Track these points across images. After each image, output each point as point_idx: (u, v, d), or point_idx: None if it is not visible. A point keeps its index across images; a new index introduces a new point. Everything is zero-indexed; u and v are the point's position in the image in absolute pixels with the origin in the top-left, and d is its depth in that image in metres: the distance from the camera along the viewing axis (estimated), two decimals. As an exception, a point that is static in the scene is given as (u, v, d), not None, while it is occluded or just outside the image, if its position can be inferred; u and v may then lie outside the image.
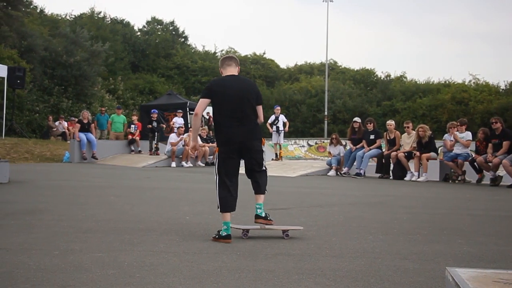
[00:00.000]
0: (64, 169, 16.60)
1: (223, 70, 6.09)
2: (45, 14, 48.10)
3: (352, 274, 4.34)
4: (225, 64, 6.10)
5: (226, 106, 5.82)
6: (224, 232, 5.64)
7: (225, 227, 5.66)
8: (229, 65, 6.09)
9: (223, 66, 6.10)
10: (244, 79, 6.17)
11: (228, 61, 6.13)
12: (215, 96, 5.87)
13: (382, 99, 49.61)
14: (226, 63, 6.11)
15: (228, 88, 5.87)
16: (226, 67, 6.08)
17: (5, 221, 6.61)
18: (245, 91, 5.91)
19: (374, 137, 16.16)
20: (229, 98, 5.83)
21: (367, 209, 8.75)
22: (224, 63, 6.12)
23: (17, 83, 24.17)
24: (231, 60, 6.16)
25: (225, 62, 6.12)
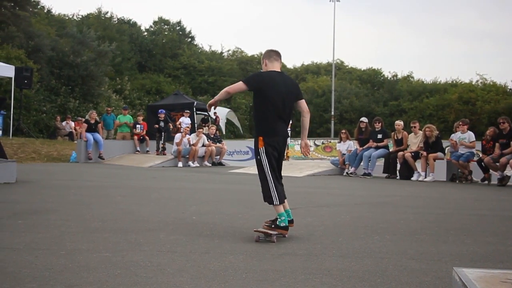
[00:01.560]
0: (71, 169, 16.64)
1: (269, 62, 6.00)
2: (52, 14, 48.31)
3: (358, 274, 4.33)
4: (272, 58, 6.02)
5: (273, 101, 5.78)
6: (282, 222, 5.73)
7: (283, 217, 5.76)
8: (277, 60, 6.04)
9: (270, 59, 6.01)
10: (289, 77, 6.23)
11: (276, 55, 6.04)
12: (262, 88, 5.79)
13: (389, 99, 49.60)
14: (274, 57, 6.02)
15: (276, 84, 5.84)
16: (274, 61, 6.01)
17: (12, 220, 6.63)
18: (290, 91, 5.95)
19: (381, 137, 16.13)
20: (277, 94, 5.80)
21: (373, 209, 8.73)
22: (272, 56, 6.02)
23: (24, 83, 24.25)
24: (279, 55, 6.07)
25: (273, 56, 6.03)
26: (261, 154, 5.79)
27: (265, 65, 6.02)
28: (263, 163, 5.78)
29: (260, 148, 5.79)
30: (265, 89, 5.77)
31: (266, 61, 6.02)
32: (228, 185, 12.65)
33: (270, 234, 5.66)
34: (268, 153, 5.77)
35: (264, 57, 6.05)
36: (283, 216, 5.77)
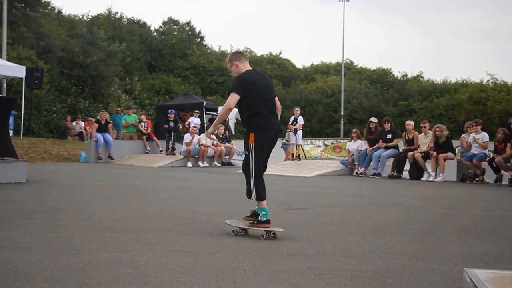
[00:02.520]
0: (81, 169, 16.70)
1: (240, 63, 6.10)
2: (62, 15, 48.52)
3: (368, 275, 4.32)
4: (242, 59, 6.16)
5: (261, 97, 5.92)
6: (263, 217, 5.83)
7: (264, 212, 5.86)
8: (246, 60, 6.21)
9: (240, 60, 6.14)
10: (264, 73, 6.42)
11: (244, 56, 6.25)
12: (249, 90, 5.88)
13: (398, 99, 49.46)
14: (243, 58, 6.20)
15: (258, 82, 6.00)
16: (244, 61, 6.16)
17: (23, 220, 6.66)
18: (270, 85, 6.16)
19: (391, 137, 16.09)
20: (262, 90, 5.96)
21: (383, 209, 8.71)
22: (241, 57, 6.18)
23: (35, 83, 24.34)
24: (246, 56, 6.32)
25: (242, 57, 6.20)
26: (251, 150, 5.89)
27: (236, 67, 6.11)
28: (251, 159, 5.89)
29: (250, 144, 5.89)
30: (251, 88, 5.89)
31: (236, 63, 6.12)
32: (237, 185, 12.63)
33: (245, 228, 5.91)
34: (257, 149, 5.88)
35: (232, 59, 6.15)
36: (264, 211, 5.88)
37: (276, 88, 55.99)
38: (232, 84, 5.98)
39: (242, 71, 6.07)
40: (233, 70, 6.13)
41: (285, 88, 54.82)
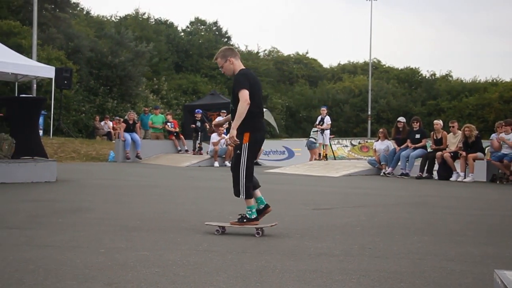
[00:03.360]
0: (109, 168, 16.84)
1: (235, 60, 6.02)
2: (91, 15, 49.02)
3: (396, 275, 4.29)
4: (237, 56, 6.09)
5: (257, 98, 5.89)
6: (253, 215, 5.89)
7: (253, 210, 5.91)
8: (239, 57, 6.13)
9: (236, 57, 6.05)
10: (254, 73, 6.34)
11: (237, 53, 6.17)
12: (250, 89, 5.83)
13: (427, 99, 49.07)
14: (238, 55, 6.12)
15: (257, 81, 6.02)
16: (238, 58, 6.08)
17: (52, 219, 6.74)
18: (261, 85, 6.20)
19: (419, 137, 15.95)
20: (258, 90, 5.99)
21: (411, 209, 8.64)
22: (236, 54, 6.10)
23: (64, 83, 24.62)
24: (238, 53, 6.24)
25: (236, 54, 6.12)
26: (243, 149, 5.85)
27: (230, 63, 6.01)
28: (242, 159, 5.86)
29: (244, 143, 5.85)
30: (252, 87, 5.85)
31: (232, 59, 6.01)
32: (264, 184, 12.59)
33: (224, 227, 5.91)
34: (250, 149, 5.88)
35: (228, 55, 6.03)
36: (253, 209, 5.92)
37: (303, 87, 55.99)
38: (238, 81, 5.85)
39: (237, 68, 6.00)
40: (227, 66, 6.02)
41: (312, 88, 54.74)
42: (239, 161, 5.87)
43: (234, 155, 5.99)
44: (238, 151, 5.86)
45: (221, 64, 6.06)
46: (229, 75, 6.14)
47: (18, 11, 36.03)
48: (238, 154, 5.88)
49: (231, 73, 6.04)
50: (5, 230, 5.90)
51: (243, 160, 5.85)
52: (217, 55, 6.10)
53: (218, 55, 6.10)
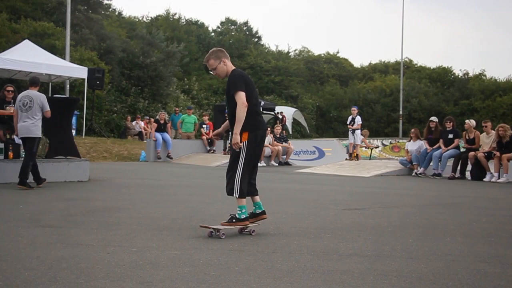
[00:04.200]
0: (140, 168, 16.98)
1: (228, 61, 5.95)
2: (123, 16, 49.51)
3: (429, 277, 4.24)
4: (228, 57, 6.02)
5: (253, 97, 5.88)
6: (242, 215, 5.81)
7: (244, 210, 5.83)
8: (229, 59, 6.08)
9: (228, 58, 5.98)
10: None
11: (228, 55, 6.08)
12: (247, 87, 5.82)
13: (459, 98, 48.49)
14: (228, 56, 6.03)
15: (251, 81, 6.00)
16: (229, 59, 6.02)
17: (85, 217, 6.82)
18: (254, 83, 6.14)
19: (452, 137, 15.76)
20: (253, 89, 5.96)
21: (444, 210, 8.54)
22: (227, 56, 6.01)
23: (96, 84, 24.92)
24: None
25: (227, 55, 6.03)
26: (242, 148, 5.79)
27: (224, 65, 5.93)
28: (240, 158, 5.80)
29: (242, 141, 5.78)
30: (247, 87, 5.82)
31: (225, 60, 5.94)
32: (294, 184, 12.64)
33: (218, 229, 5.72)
34: (249, 148, 5.81)
35: (221, 56, 5.93)
36: (244, 209, 5.83)
37: (333, 87, 55.74)
38: (233, 83, 5.79)
39: (229, 69, 5.94)
40: (221, 68, 5.93)
41: (342, 88, 54.49)
42: (237, 160, 5.81)
43: (233, 153, 5.91)
44: (238, 149, 5.79)
45: (214, 66, 5.93)
46: (222, 77, 6.02)
47: (52, 12, 36.54)
48: (237, 153, 5.81)
49: (224, 74, 5.95)
50: (39, 229, 5.99)
51: (241, 159, 5.79)
52: (209, 57, 5.97)
53: (210, 56, 5.97)
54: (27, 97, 10.20)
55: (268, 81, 50.93)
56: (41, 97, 10.30)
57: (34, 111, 10.12)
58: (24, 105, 10.14)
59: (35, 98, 10.20)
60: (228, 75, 5.93)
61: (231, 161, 5.91)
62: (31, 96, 10.21)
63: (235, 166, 5.83)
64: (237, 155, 5.81)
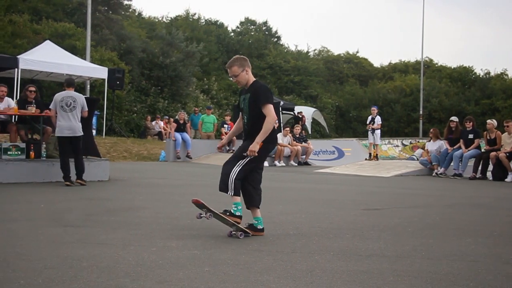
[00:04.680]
0: (160, 167, 17.04)
1: (249, 71, 5.87)
2: (143, 17, 49.72)
3: (449, 277, 4.21)
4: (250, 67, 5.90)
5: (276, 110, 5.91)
6: (237, 212, 5.74)
7: (239, 207, 5.77)
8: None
9: (249, 67, 5.88)
10: None
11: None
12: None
13: (480, 98, 48.05)
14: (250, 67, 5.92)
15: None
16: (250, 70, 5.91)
17: (106, 217, 6.87)
18: None
19: (473, 137, 15.63)
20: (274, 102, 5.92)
21: (465, 210, 8.48)
22: (249, 66, 5.90)
23: (116, 84, 25.06)
24: None
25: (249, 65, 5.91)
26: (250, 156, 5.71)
27: (246, 73, 5.82)
28: (244, 160, 5.72)
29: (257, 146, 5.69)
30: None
31: (248, 69, 5.84)
32: (314, 184, 12.61)
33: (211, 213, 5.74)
34: (258, 157, 5.73)
35: (245, 65, 5.82)
36: (239, 206, 5.76)
37: (353, 87, 55.49)
38: (264, 95, 5.73)
39: (250, 79, 5.86)
40: (243, 76, 5.81)
41: (362, 87, 54.26)
42: (238, 160, 5.74)
43: (238, 152, 5.82)
44: (245, 153, 5.69)
45: (237, 73, 5.79)
46: (241, 85, 5.93)
47: (72, 13, 36.82)
48: (243, 156, 5.73)
49: (245, 83, 5.86)
50: (60, 228, 6.04)
51: (243, 162, 5.73)
52: (233, 63, 5.82)
53: (234, 63, 5.82)
54: (70, 97, 10.71)
55: (288, 81, 50.86)
56: (82, 98, 10.96)
57: (77, 111, 10.70)
58: (67, 105, 10.63)
59: (77, 98, 10.80)
60: (254, 85, 5.84)
61: (231, 158, 5.85)
62: (74, 97, 10.75)
63: (233, 164, 5.75)
64: (241, 157, 5.74)
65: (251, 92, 5.80)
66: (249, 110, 5.81)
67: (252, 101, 5.76)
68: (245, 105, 5.85)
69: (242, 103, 5.92)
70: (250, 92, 5.80)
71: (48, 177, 11.16)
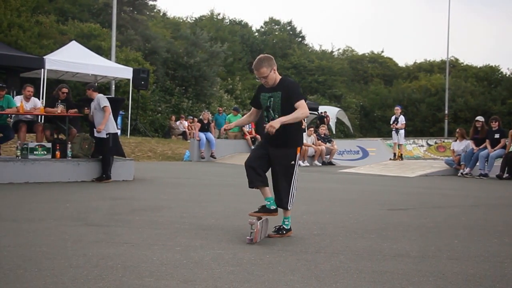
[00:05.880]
0: (184, 167, 17.10)
1: (276, 69, 5.78)
2: (167, 17, 49.99)
3: (475, 279, 4.17)
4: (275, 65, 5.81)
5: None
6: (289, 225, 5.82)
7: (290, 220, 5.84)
8: None
9: (275, 66, 5.79)
10: None
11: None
12: None
13: (507, 97, 47.48)
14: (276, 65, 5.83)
15: None
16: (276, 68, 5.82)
17: (131, 216, 6.91)
18: None
19: (499, 136, 15.46)
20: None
21: (491, 211, 8.39)
22: (275, 64, 5.80)
23: (141, 84, 25.23)
24: None
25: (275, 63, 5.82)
26: (297, 161, 5.74)
27: (274, 72, 5.72)
28: (296, 169, 5.72)
29: (297, 154, 5.75)
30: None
31: (275, 68, 5.74)
32: (338, 184, 12.57)
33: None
34: (298, 162, 5.76)
35: (272, 65, 5.71)
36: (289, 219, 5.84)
37: (377, 87, 55.18)
38: (297, 92, 5.66)
39: (278, 77, 5.76)
40: (271, 76, 5.70)
41: (387, 87, 53.95)
42: (293, 172, 5.70)
43: (286, 165, 5.71)
44: (293, 162, 5.68)
45: (266, 74, 5.68)
46: (270, 85, 5.80)
47: (98, 14, 37.13)
48: (292, 165, 5.69)
49: (273, 82, 5.76)
50: (85, 227, 6.09)
51: (296, 171, 5.72)
52: (261, 65, 5.68)
53: (262, 65, 5.68)
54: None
55: (312, 81, 50.77)
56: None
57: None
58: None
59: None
60: (283, 83, 5.75)
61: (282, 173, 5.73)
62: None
63: (290, 178, 5.69)
64: (292, 168, 5.69)
65: (282, 90, 5.70)
66: (281, 108, 5.70)
67: (285, 99, 5.67)
68: (275, 102, 5.75)
69: (268, 101, 5.81)
70: (281, 90, 5.70)
71: (73, 176, 11.27)
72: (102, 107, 11.37)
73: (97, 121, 11.47)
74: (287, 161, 5.70)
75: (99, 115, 11.44)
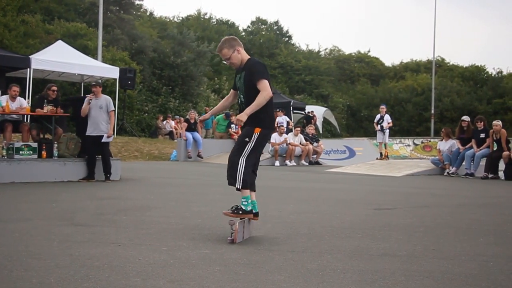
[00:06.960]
0: (171, 167, 17.07)
1: (242, 50, 5.66)
2: (154, 17, 49.89)
3: (461, 277, 4.19)
4: (242, 45, 5.72)
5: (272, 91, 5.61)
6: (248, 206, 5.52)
7: (249, 201, 5.53)
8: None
9: (241, 46, 5.69)
10: None
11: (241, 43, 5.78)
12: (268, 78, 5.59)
13: (493, 97, 47.81)
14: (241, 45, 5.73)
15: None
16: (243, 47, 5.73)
17: (117, 216, 6.88)
18: None
19: (484, 136, 15.55)
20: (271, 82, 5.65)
21: (477, 210, 8.44)
22: (241, 44, 5.72)
23: (128, 84, 25.15)
24: None
25: (241, 43, 5.74)
26: (252, 140, 5.50)
27: (238, 53, 5.63)
28: (247, 147, 5.49)
29: (255, 133, 5.51)
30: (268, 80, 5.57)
31: (239, 48, 5.63)
32: (325, 184, 12.60)
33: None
34: (258, 142, 5.53)
35: (235, 45, 5.63)
36: (249, 200, 5.52)
37: (364, 86, 55.28)
38: (258, 71, 5.50)
39: (245, 58, 5.66)
40: (235, 56, 5.61)
41: (373, 87, 54.14)
42: (243, 149, 5.50)
43: (239, 142, 5.59)
44: (247, 138, 5.51)
45: (228, 55, 5.63)
46: (237, 66, 5.70)
47: (84, 13, 36.98)
48: (245, 142, 5.51)
49: (239, 63, 5.66)
50: (72, 227, 6.06)
51: (248, 149, 5.50)
52: (222, 46, 5.66)
53: (223, 46, 5.66)
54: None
55: (299, 81, 50.84)
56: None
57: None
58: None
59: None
60: (248, 62, 5.65)
61: (235, 149, 5.58)
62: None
63: (238, 155, 5.50)
64: (244, 145, 5.52)
65: (246, 70, 5.60)
66: (244, 88, 5.60)
67: (248, 78, 5.56)
68: (240, 83, 5.65)
69: (238, 82, 5.71)
70: (245, 70, 5.61)
71: (60, 176, 11.23)
72: (110, 111, 11.67)
73: (97, 121, 11.45)
74: (242, 138, 5.57)
75: (102, 115, 11.46)
